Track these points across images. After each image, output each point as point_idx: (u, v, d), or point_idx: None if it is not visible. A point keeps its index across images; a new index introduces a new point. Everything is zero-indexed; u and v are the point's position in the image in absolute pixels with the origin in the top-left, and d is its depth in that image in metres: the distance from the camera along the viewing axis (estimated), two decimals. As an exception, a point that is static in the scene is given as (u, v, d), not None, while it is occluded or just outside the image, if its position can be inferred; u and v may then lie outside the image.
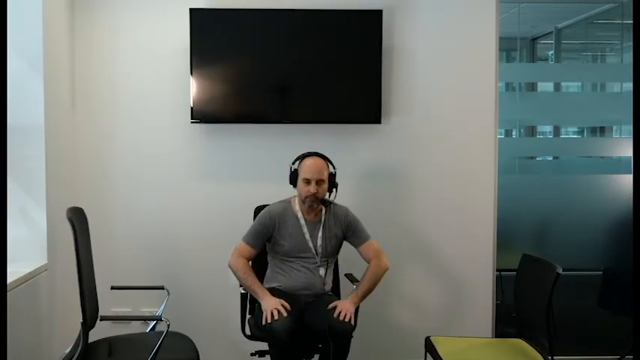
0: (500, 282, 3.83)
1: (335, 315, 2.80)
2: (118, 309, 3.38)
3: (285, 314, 2.79)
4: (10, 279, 2.59)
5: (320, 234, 3.03)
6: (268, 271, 3.14)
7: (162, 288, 3.11)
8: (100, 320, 2.70)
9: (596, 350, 3.79)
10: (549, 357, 2.69)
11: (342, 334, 2.78)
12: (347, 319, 2.78)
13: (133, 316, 3.42)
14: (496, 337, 3.64)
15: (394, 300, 3.67)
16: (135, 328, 3.32)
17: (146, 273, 3.52)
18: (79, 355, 2.53)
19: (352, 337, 2.83)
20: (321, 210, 3.04)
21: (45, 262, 3.02)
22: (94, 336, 2.67)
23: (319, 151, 3.31)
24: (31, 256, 2.97)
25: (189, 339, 2.85)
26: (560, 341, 2.79)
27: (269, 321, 2.77)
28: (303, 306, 2.97)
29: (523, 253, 3.04)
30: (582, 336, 4.03)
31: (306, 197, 2.96)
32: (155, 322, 3.07)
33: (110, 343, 2.78)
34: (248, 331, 3.05)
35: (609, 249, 4.10)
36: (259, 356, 3.11)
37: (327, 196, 3.06)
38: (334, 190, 3.05)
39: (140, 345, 2.76)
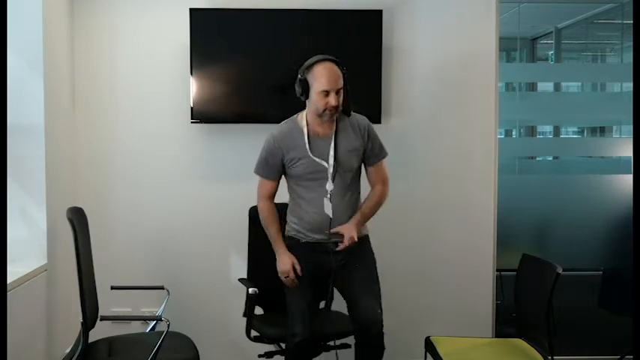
0: (500, 282, 3.82)
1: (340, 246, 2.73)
2: (118, 309, 3.38)
3: (296, 282, 2.76)
4: (10, 279, 2.58)
5: (332, 147, 2.75)
6: (289, 200, 2.91)
7: (162, 288, 3.11)
8: (100, 320, 2.70)
9: (596, 350, 3.79)
10: (549, 357, 2.69)
11: (373, 331, 2.67)
12: (348, 243, 2.71)
13: (133, 316, 3.41)
14: (496, 337, 3.64)
15: (394, 300, 3.66)
16: (135, 328, 3.32)
17: (146, 273, 3.51)
18: (79, 355, 2.53)
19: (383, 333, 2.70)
20: (333, 121, 2.76)
21: (45, 262, 3.01)
22: (94, 336, 2.67)
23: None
24: (31, 256, 2.96)
25: (189, 339, 2.85)
26: (560, 341, 2.79)
27: (288, 286, 2.79)
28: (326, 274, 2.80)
29: (523, 253, 3.04)
30: (582, 336, 4.03)
31: (324, 110, 2.67)
32: (155, 322, 3.07)
33: (110, 343, 2.78)
34: (249, 334, 3.04)
35: (609, 249, 4.10)
36: (267, 357, 3.10)
37: None
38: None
39: (140, 345, 2.76)
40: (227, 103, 3.50)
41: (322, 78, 2.65)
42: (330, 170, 2.75)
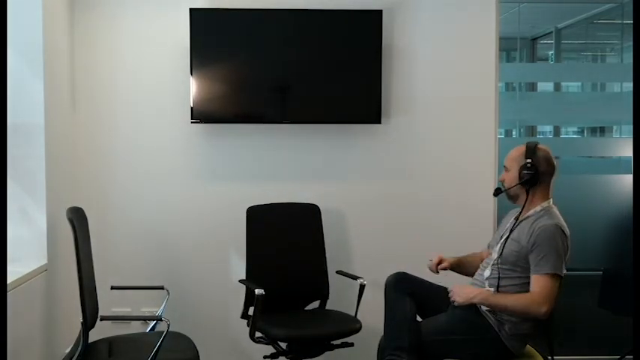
0: (500, 282, 3.81)
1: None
2: (118, 309, 3.38)
3: None
4: (10, 279, 2.58)
5: (507, 232, 2.70)
6: None
7: (162, 288, 3.11)
8: (100, 320, 2.70)
9: (596, 350, 3.79)
10: (549, 357, 2.69)
11: None
12: (452, 297, 2.65)
13: (133, 316, 3.41)
14: (496, 337, 3.63)
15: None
16: (135, 328, 3.32)
17: (146, 273, 3.51)
18: (79, 355, 2.53)
19: None
20: (525, 210, 2.67)
21: (45, 262, 3.01)
22: (94, 336, 2.67)
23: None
24: (31, 256, 2.96)
25: (189, 339, 2.85)
26: (560, 341, 2.79)
27: None
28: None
29: (523, 253, 3.03)
30: (582, 336, 4.02)
31: None
32: (155, 322, 3.07)
33: (110, 343, 2.78)
34: (253, 336, 3.05)
35: (609, 249, 4.09)
36: (273, 358, 3.10)
37: (517, 190, 2.68)
38: (529, 184, 2.64)
39: (140, 345, 2.76)
40: (227, 103, 3.50)
41: None
42: (494, 256, 2.70)
